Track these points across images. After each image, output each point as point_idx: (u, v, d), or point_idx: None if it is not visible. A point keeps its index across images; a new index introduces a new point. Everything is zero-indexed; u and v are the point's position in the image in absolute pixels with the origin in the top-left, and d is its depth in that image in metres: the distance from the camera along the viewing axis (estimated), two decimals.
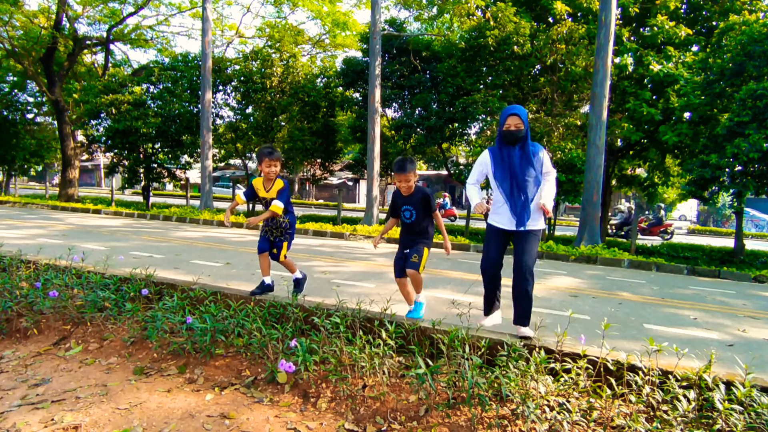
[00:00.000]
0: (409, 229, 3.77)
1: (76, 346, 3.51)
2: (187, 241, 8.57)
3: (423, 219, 3.71)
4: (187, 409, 2.58)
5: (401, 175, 3.62)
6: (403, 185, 3.65)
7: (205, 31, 14.74)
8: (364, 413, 2.55)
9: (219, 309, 3.36)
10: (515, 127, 3.15)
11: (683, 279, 7.63)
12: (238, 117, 17.03)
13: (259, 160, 3.89)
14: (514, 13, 11.54)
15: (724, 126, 9.69)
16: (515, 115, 3.14)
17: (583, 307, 4.85)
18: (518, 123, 3.14)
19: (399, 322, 2.99)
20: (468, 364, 2.34)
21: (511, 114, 3.16)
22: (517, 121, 3.14)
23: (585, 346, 2.69)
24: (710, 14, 12.51)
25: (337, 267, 6.61)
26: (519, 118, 3.14)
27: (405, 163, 3.62)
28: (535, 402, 2.27)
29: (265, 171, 3.86)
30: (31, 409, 2.61)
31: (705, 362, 2.60)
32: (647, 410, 2.37)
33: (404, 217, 3.75)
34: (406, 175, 3.61)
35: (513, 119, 3.15)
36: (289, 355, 2.96)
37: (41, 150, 22.03)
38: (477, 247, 9.94)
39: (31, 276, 4.35)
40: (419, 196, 3.67)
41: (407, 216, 3.72)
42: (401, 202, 3.74)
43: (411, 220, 3.71)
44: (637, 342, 3.65)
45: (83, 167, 27.49)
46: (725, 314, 5.02)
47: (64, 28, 17.67)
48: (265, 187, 3.95)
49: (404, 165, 3.62)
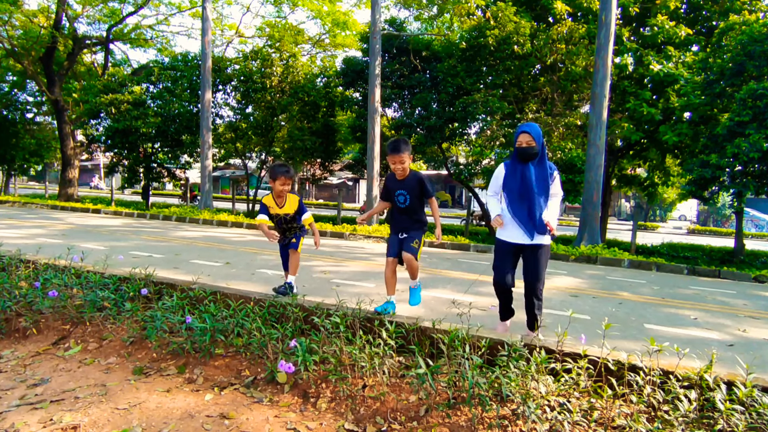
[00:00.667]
0: (404, 214, 3.62)
1: (75, 345, 3.50)
2: (187, 241, 8.56)
3: (418, 204, 3.58)
4: (187, 409, 2.57)
5: (396, 155, 3.45)
6: (398, 167, 3.49)
7: (205, 31, 14.72)
8: (364, 413, 2.54)
9: (219, 309, 3.35)
10: (527, 144, 3.23)
11: (683, 279, 7.63)
12: (237, 117, 17.02)
13: (272, 176, 3.91)
14: (514, 12, 11.52)
15: (724, 126, 9.69)
16: (526, 132, 3.23)
17: (584, 307, 4.84)
18: (529, 140, 3.22)
19: (399, 321, 2.99)
20: (468, 363, 2.33)
21: (523, 132, 3.25)
22: (528, 138, 3.22)
23: (585, 346, 2.68)
24: (710, 14, 12.51)
25: (337, 267, 6.60)
26: (530, 136, 3.22)
27: (399, 143, 3.47)
28: (535, 402, 2.26)
29: (278, 189, 3.89)
30: (29, 409, 2.60)
31: (706, 362, 2.60)
32: (648, 410, 2.37)
33: (398, 201, 3.60)
34: (401, 156, 3.44)
35: (524, 137, 3.24)
36: (289, 355, 2.95)
37: (41, 150, 22.01)
38: (477, 247, 9.93)
39: (30, 276, 4.34)
40: (414, 180, 3.54)
41: (401, 201, 3.58)
42: (395, 187, 3.60)
43: (405, 204, 3.57)
44: (638, 342, 3.64)
45: (82, 167, 27.45)
46: (726, 314, 5.01)
47: (63, 27, 17.66)
48: (278, 204, 3.98)
49: (399, 145, 3.47)
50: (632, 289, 6.22)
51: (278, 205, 3.98)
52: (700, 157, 10.18)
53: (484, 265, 7.56)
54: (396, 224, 3.67)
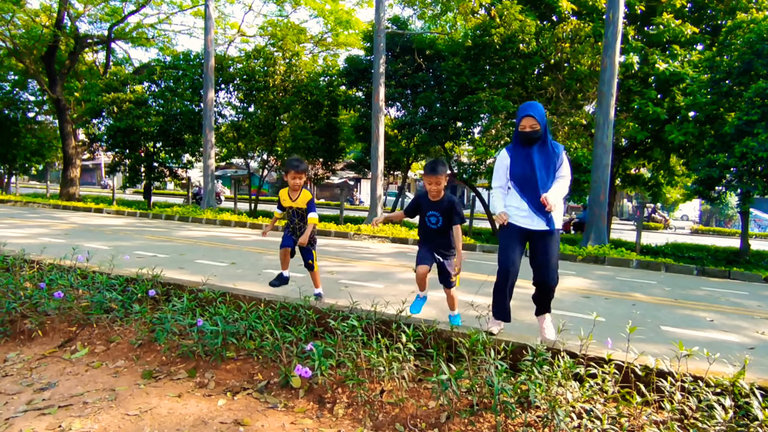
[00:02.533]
0: (436, 236, 3.60)
1: (82, 348, 3.42)
2: (191, 241, 8.48)
3: (448, 228, 3.56)
4: (200, 415, 2.49)
5: (432, 177, 3.41)
6: (433, 188, 3.46)
7: (207, 30, 14.64)
8: (382, 420, 2.46)
9: (229, 311, 3.27)
10: (530, 128, 3.08)
11: (693, 280, 7.54)
12: (240, 116, 16.93)
13: (285, 170, 4.23)
14: (519, 11, 11.44)
15: (732, 125, 9.60)
16: (530, 116, 3.05)
17: (597, 309, 4.76)
18: (533, 124, 3.06)
19: (416, 324, 2.90)
20: (494, 369, 2.25)
21: (526, 116, 3.07)
22: (533, 122, 3.06)
23: (609, 350, 2.60)
24: (715, 13, 12.41)
25: (344, 267, 6.52)
26: (534, 119, 3.05)
27: (437, 165, 3.45)
28: (563, 409, 2.18)
29: (291, 183, 4.13)
30: (37, 414, 2.52)
31: (728, 366, 2.52)
32: (679, 418, 2.28)
33: (429, 222, 3.57)
34: (437, 177, 3.40)
35: (528, 120, 3.07)
36: (304, 358, 2.87)
37: (42, 149, 21.93)
38: (483, 247, 9.85)
39: (34, 276, 4.26)
40: (447, 203, 3.51)
41: (433, 221, 3.55)
42: (427, 206, 3.56)
43: (437, 226, 3.55)
44: (657, 345, 3.56)
45: (83, 166, 27.36)
46: (741, 316, 4.92)
47: (65, 26, 17.59)
48: (291, 197, 4.20)
49: (436, 166, 3.44)
50: (643, 290, 6.14)
51: (291, 198, 4.19)
52: (707, 157, 10.08)
53: (492, 266, 7.45)
54: (428, 242, 3.66)
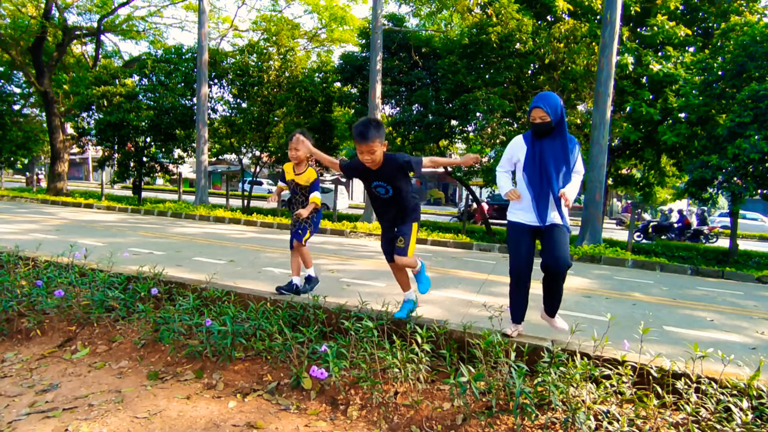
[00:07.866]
0: (387, 206, 3.15)
1: (82, 348, 3.33)
2: (186, 238, 8.36)
3: (403, 191, 3.07)
4: (211, 417, 2.44)
5: (363, 144, 2.81)
6: (366, 158, 2.87)
7: (201, 23, 14.42)
8: (398, 422, 2.43)
9: (237, 310, 3.21)
10: (540, 119, 2.97)
11: (689, 279, 7.63)
12: (233, 111, 16.73)
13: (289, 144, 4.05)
14: (516, 10, 11.44)
15: (725, 127, 9.72)
16: (538, 107, 2.95)
17: (599, 308, 4.78)
18: (542, 115, 2.94)
19: (428, 325, 2.87)
20: (514, 371, 2.23)
21: (535, 107, 2.97)
22: (542, 114, 2.95)
23: (625, 351, 2.60)
24: (707, 15, 12.57)
25: (344, 265, 6.48)
26: (542, 110, 2.93)
27: (368, 129, 2.79)
28: (581, 410, 2.16)
29: (289, 154, 4.00)
30: (41, 417, 2.44)
31: (743, 367, 2.53)
32: (695, 420, 2.29)
33: (378, 193, 3.11)
34: (369, 146, 2.81)
35: (536, 112, 2.97)
36: (315, 359, 2.83)
37: (29, 142, 21.43)
38: (479, 246, 9.86)
39: (30, 274, 4.15)
40: (392, 168, 2.98)
41: (382, 192, 3.09)
42: (370, 176, 3.04)
43: (388, 195, 3.08)
44: (662, 345, 3.57)
45: (71, 161, 26.85)
46: (740, 316, 4.98)
47: (53, 17, 17.18)
48: (295, 171, 4.06)
49: (366, 132, 2.78)
50: (642, 289, 6.19)
51: (295, 172, 4.06)
52: (700, 158, 10.21)
53: (491, 265, 7.48)
54: (382, 218, 3.25)
